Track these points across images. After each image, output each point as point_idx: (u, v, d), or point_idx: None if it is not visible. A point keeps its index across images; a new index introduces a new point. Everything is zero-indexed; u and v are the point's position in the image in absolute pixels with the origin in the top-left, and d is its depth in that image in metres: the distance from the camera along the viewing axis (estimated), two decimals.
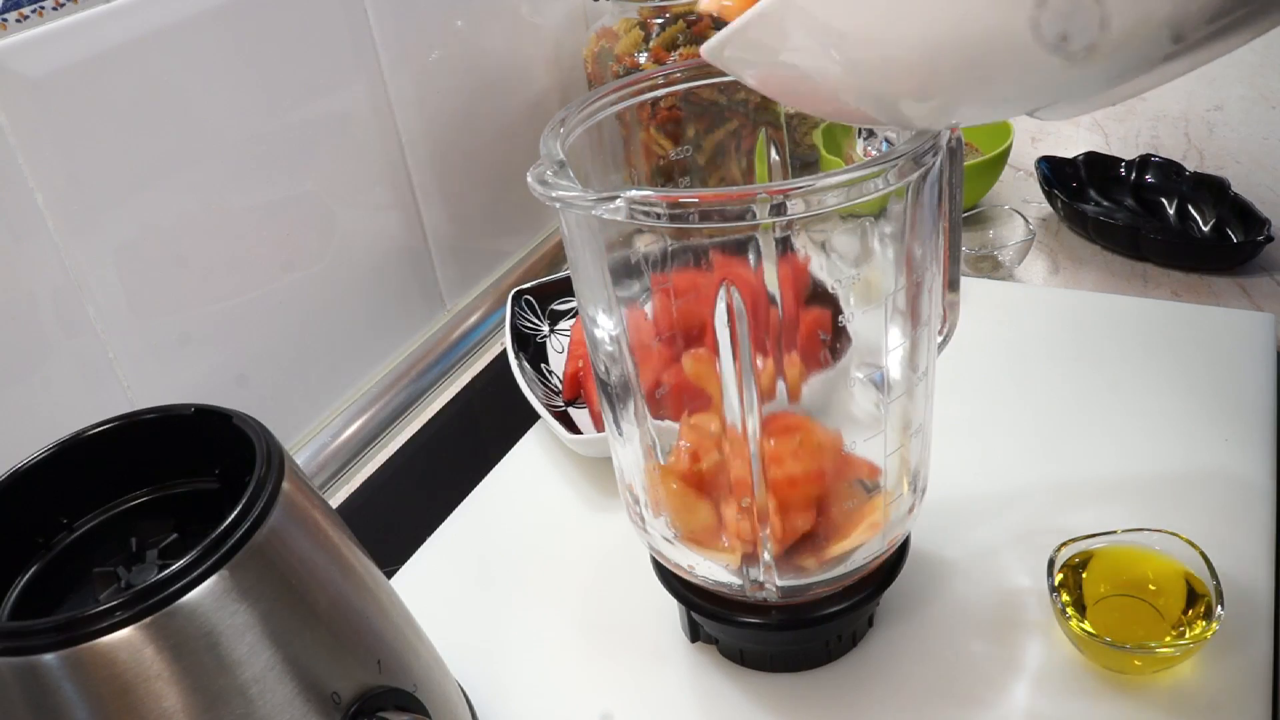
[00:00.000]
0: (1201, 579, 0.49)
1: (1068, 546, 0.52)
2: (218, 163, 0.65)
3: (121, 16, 0.58)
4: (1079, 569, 0.51)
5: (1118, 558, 0.52)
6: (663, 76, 0.50)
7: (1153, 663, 0.48)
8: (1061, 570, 0.51)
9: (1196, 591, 0.49)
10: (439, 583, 0.61)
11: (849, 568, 0.47)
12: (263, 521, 0.37)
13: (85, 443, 0.41)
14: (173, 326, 0.64)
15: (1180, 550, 0.50)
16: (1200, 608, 0.49)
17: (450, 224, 0.86)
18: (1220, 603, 0.48)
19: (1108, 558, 0.52)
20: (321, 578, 0.40)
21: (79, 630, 0.34)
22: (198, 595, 0.35)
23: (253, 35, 0.66)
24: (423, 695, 0.43)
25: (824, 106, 0.37)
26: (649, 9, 0.89)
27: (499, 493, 0.68)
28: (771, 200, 0.38)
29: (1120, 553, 0.52)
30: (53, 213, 0.56)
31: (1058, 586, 0.50)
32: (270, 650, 0.37)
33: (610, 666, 0.54)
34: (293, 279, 0.72)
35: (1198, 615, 0.48)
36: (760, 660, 0.52)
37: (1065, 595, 0.50)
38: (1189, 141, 1.01)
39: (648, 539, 0.50)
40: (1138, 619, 0.50)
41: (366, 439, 0.77)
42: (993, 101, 0.33)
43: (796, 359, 0.45)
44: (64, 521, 0.41)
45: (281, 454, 0.40)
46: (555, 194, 0.39)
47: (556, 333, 0.79)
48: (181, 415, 0.42)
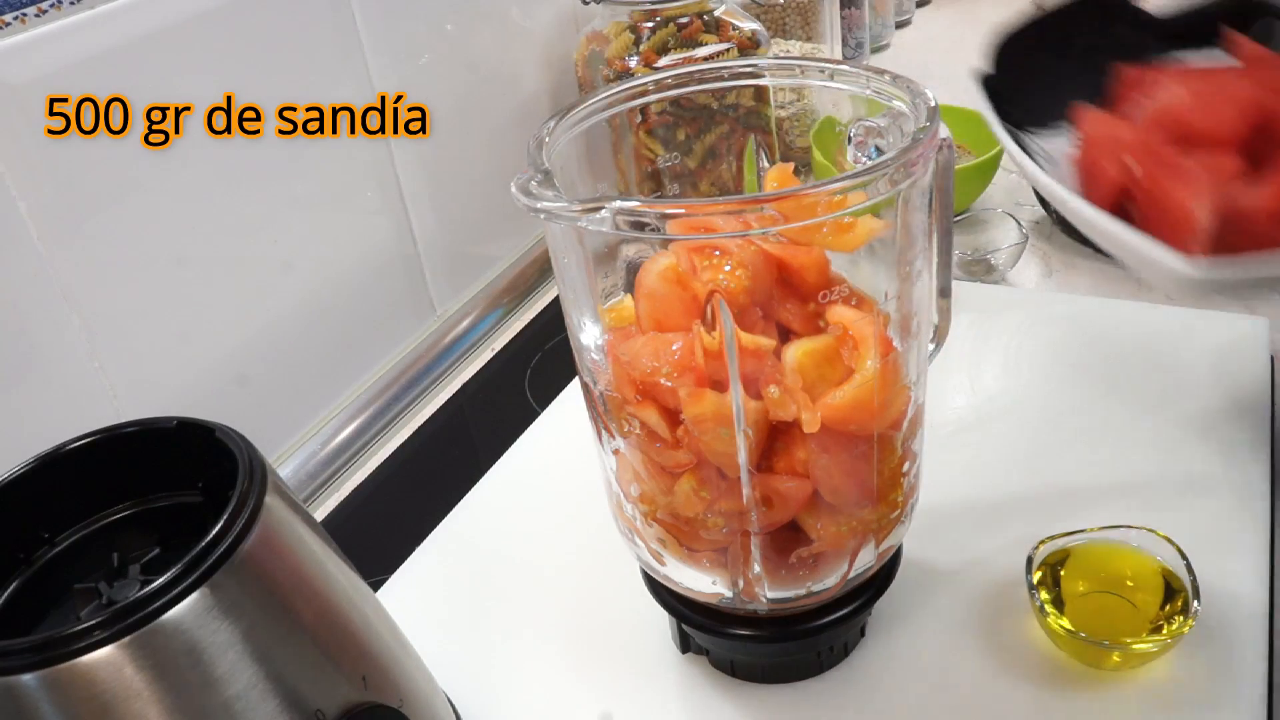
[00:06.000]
0: (1178, 574, 0.50)
1: (1046, 544, 0.52)
2: (205, 168, 0.64)
3: (105, 22, 0.58)
4: (1057, 566, 0.52)
5: (1095, 555, 0.52)
6: (653, 82, 0.49)
7: (1131, 658, 0.48)
8: (1040, 568, 0.51)
9: (1174, 587, 0.50)
10: (428, 593, 0.61)
11: (840, 579, 0.47)
12: (245, 537, 0.36)
13: (66, 456, 0.40)
14: (159, 336, 0.64)
15: (1157, 546, 0.51)
16: (1178, 603, 0.49)
17: (440, 229, 0.85)
18: (1197, 598, 0.48)
19: (1085, 555, 0.52)
20: (305, 592, 0.39)
21: (57, 650, 0.33)
22: (178, 613, 0.34)
23: (237, 40, 0.65)
24: (409, 710, 0.42)
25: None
26: (639, 13, 0.89)
27: (489, 501, 0.67)
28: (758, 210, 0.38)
29: (1098, 550, 0.52)
30: (36, 221, 0.56)
31: (1036, 584, 0.50)
32: (253, 667, 0.36)
33: (600, 678, 0.54)
34: (280, 285, 0.72)
35: (1175, 611, 0.49)
36: (751, 671, 0.52)
37: (1044, 593, 0.50)
38: None
39: (637, 550, 0.49)
40: (1116, 615, 0.50)
41: (356, 447, 0.76)
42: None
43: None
44: (45, 536, 0.41)
45: (264, 467, 0.39)
46: (539, 205, 0.39)
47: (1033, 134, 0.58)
48: (164, 428, 0.41)
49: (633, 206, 0.38)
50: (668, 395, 0.42)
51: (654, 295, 0.43)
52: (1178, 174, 0.50)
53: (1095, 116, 0.56)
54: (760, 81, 0.51)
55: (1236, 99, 0.52)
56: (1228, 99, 0.52)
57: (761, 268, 0.42)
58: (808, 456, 0.42)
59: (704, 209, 0.40)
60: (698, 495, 0.43)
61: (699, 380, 0.41)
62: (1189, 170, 0.50)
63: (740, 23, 0.91)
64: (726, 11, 0.91)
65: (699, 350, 0.41)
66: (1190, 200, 0.48)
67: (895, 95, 0.45)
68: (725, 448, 0.42)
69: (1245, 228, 0.48)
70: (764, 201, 0.39)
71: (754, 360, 0.41)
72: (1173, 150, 0.52)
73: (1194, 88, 0.54)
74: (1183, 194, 0.49)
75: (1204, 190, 0.48)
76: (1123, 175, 0.52)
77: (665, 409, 0.42)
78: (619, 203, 0.37)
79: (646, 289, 0.43)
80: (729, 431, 0.41)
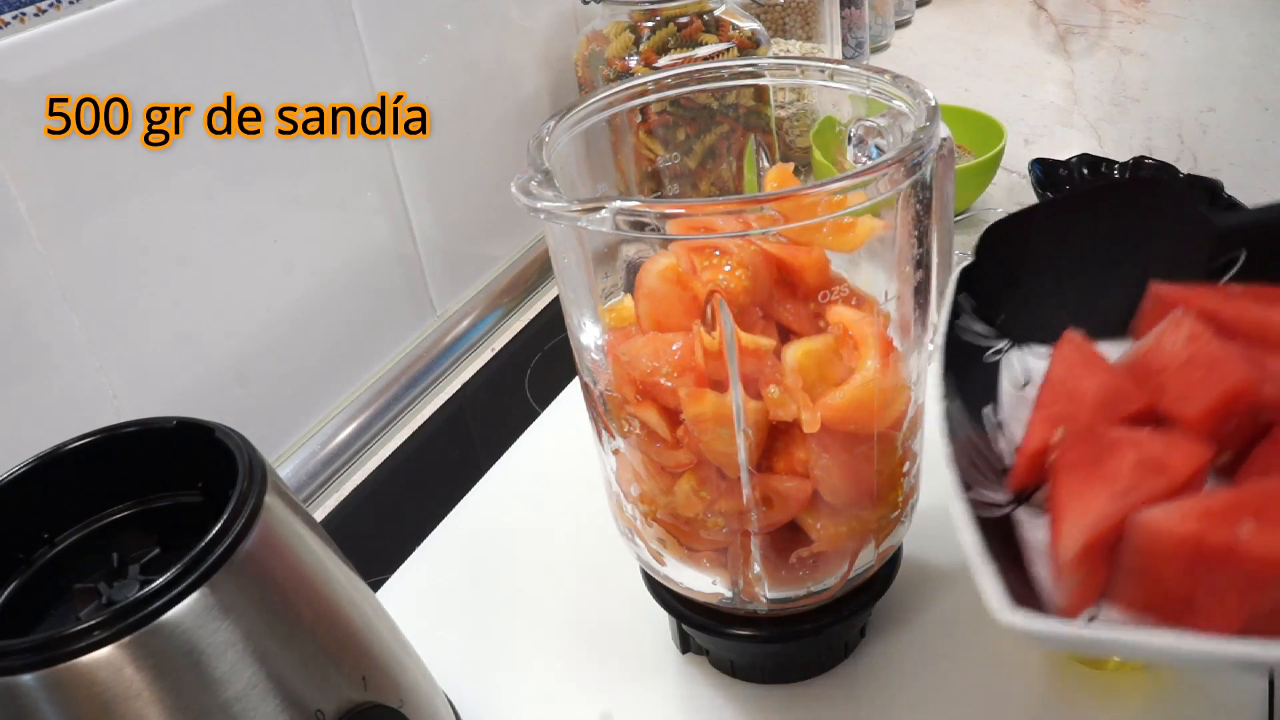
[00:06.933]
0: None
1: None
2: (205, 168, 0.64)
3: (105, 22, 0.58)
4: None
5: None
6: (653, 82, 0.49)
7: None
8: None
9: None
10: (428, 593, 0.61)
11: (840, 579, 0.47)
12: (244, 537, 0.36)
13: (66, 456, 0.40)
14: (159, 336, 0.64)
15: None
16: None
17: (440, 229, 0.85)
18: None
19: None
20: (305, 593, 0.39)
21: (57, 650, 0.33)
22: (178, 613, 0.34)
23: (237, 40, 0.65)
24: (409, 710, 0.42)
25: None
26: (639, 12, 0.89)
27: (489, 501, 0.67)
28: (758, 210, 0.38)
29: None
30: (36, 221, 0.56)
31: None
32: (253, 668, 0.36)
33: (600, 678, 0.54)
34: (280, 286, 0.72)
35: None
36: (751, 671, 0.52)
37: None
38: (1182, 143, 1.01)
39: (637, 550, 0.49)
40: None
41: (356, 447, 0.76)
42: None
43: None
44: (45, 536, 0.41)
45: (264, 467, 0.39)
46: (539, 204, 0.39)
47: (1024, 348, 0.48)
48: (163, 428, 0.41)
49: (632, 206, 0.38)
50: (668, 395, 0.42)
51: (654, 295, 0.43)
52: (1091, 470, 0.37)
53: (1069, 351, 0.44)
54: (760, 81, 0.51)
55: (1223, 373, 0.39)
56: (1214, 369, 0.40)
57: (761, 268, 0.42)
58: (808, 457, 0.42)
59: (704, 209, 0.40)
60: (698, 495, 0.43)
61: (699, 380, 0.41)
62: (1107, 470, 0.37)
63: (740, 23, 0.91)
64: (726, 11, 0.91)
65: (699, 350, 0.41)
66: (1079, 514, 0.36)
67: (895, 95, 0.45)
68: (725, 448, 0.42)
69: (1149, 575, 0.34)
70: (764, 201, 0.39)
71: (754, 360, 0.41)
72: (1118, 432, 0.39)
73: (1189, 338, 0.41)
74: (1077, 503, 0.37)
75: (1101, 506, 0.36)
76: (1046, 439, 0.40)
77: (665, 409, 0.42)
78: (619, 203, 0.37)
79: (646, 289, 0.43)
80: (729, 431, 0.41)
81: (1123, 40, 1.30)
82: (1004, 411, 0.45)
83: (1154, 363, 0.42)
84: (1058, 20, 1.40)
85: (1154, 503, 0.35)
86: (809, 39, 1.12)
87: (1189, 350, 0.41)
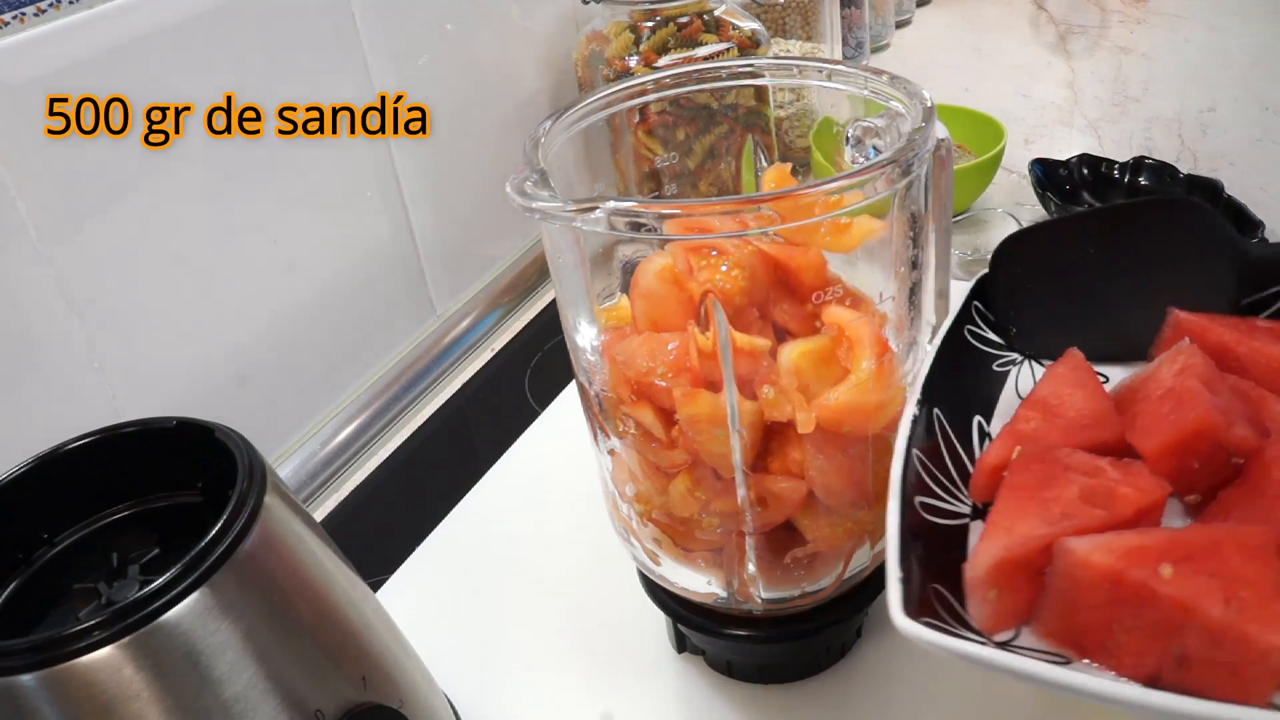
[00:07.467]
0: None
1: None
2: (205, 168, 0.65)
3: (105, 22, 0.58)
4: None
5: None
6: (652, 82, 0.49)
7: None
8: None
9: None
10: (427, 593, 0.61)
11: (835, 579, 0.47)
12: (244, 537, 0.37)
13: (65, 457, 0.40)
14: (159, 336, 0.64)
15: None
16: None
17: (440, 229, 0.85)
18: None
19: None
20: (305, 593, 0.40)
21: (57, 650, 0.33)
22: (178, 613, 0.34)
23: (237, 40, 0.65)
24: (409, 710, 0.43)
25: None
26: (639, 12, 0.89)
27: (489, 501, 0.68)
28: (754, 210, 0.38)
29: None
30: (35, 221, 0.56)
31: None
32: (252, 668, 0.36)
33: (597, 678, 0.54)
34: (280, 285, 0.72)
35: None
36: (748, 672, 0.52)
37: None
38: (1182, 143, 1.01)
39: (633, 550, 0.50)
40: None
41: (356, 447, 0.76)
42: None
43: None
44: (44, 536, 0.41)
45: (264, 467, 0.40)
46: (534, 205, 0.39)
47: (1035, 364, 0.49)
48: (163, 428, 0.41)
49: (628, 207, 0.38)
50: (663, 395, 0.42)
51: (650, 295, 0.43)
52: (1033, 493, 0.37)
53: (1064, 370, 0.44)
54: (759, 81, 0.51)
55: (1186, 411, 0.38)
56: (1181, 406, 0.39)
57: (758, 268, 0.42)
58: (803, 457, 0.42)
59: (700, 209, 0.40)
60: (693, 495, 0.44)
61: (694, 381, 0.41)
62: (1048, 495, 0.37)
63: (740, 22, 0.91)
64: (726, 11, 0.91)
65: (694, 351, 0.41)
66: (999, 534, 0.36)
67: (892, 95, 0.45)
68: (720, 448, 0.42)
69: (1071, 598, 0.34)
70: (761, 201, 0.39)
71: (749, 361, 0.41)
72: (1077, 458, 0.39)
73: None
74: (1004, 522, 0.37)
75: (1026, 529, 0.36)
76: (1007, 455, 0.41)
77: (660, 409, 0.43)
78: (614, 203, 0.37)
79: (642, 289, 0.43)
80: (724, 432, 0.41)
81: (1123, 40, 1.30)
82: (995, 423, 0.46)
83: (1139, 392, 0.42)
84: (1058, 20, 1.40)
85: (1087, 533, 0.35)
86: (809, 39, 1.12)
87: (1170, 384, 0.40)
